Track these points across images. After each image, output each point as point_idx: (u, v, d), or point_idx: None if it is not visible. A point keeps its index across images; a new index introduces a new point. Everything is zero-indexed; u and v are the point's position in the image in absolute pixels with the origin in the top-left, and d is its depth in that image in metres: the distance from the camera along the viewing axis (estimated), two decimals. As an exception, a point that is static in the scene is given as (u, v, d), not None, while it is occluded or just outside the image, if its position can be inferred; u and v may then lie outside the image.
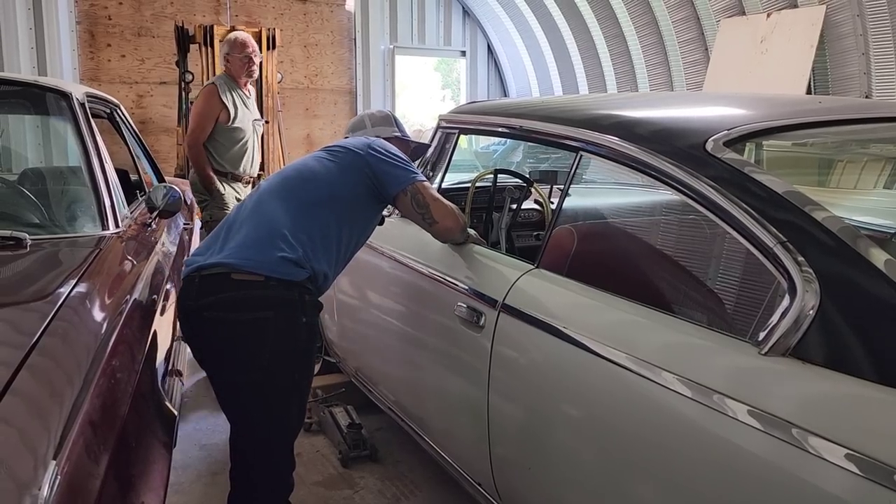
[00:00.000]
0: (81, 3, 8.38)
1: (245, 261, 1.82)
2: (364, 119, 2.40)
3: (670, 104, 2.30)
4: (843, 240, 1.25)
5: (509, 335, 1.82)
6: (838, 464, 1.06)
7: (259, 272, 1.81)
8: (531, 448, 1.76)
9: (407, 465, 2.81)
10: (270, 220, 1.91)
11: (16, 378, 1.10)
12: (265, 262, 1.82)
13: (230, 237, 1.92)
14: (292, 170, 2.11)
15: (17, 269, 1.74)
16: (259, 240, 1.86)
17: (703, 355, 1.39)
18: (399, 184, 2.02)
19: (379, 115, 2.42)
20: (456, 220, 2.08)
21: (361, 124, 2.38)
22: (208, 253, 1.91)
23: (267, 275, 1.81)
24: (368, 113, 2.44)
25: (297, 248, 1.86)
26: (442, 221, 2.05)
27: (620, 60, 8.50)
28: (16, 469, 0.93)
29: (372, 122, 2.37)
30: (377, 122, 2.37)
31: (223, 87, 3.84)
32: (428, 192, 2.04)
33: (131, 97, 8.57)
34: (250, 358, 1.83)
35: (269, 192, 2.02)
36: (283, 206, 1.95)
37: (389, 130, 2.35)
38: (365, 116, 2.42)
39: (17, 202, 2.25)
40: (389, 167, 2.03)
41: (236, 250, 1.85)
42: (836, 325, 1.20)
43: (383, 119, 2.40)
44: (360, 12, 9.86)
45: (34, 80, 2.50)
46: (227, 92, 3.84)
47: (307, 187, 2.00)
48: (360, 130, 2.34)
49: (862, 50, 5.83)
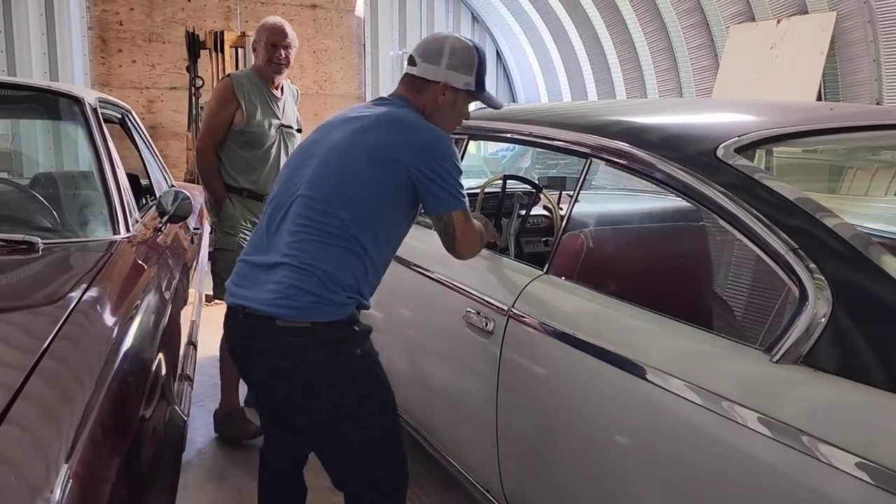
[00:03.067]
0: (93, 9, 8.46)
1: (286, 310, 1.67)
2: (444, 49, 1.86)
3: (680, 111, 2.30)
4: (855, 247, 1.24)
5: (518, 341, 1.82)
6: (849, 472, 1.06)
7: (304, 320, 1.68)
8: (540, 455, 1.76)
9: (415, 470, 2.79)
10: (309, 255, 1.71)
11: (28, 382, 1.11)
12: (308, 308, 1.68)
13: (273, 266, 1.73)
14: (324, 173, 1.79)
15: (30, 272, 1.75)
16: (301, 282, 1.68)
17: (714, 362, 1.38)
18: (437, 209, 1.80)
19: (461, 51, 1.87)
20: (475, 251, 1.95)
21: (437, 55, 1.86)
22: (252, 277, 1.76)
23: (312, 321, 1.68)
24: (452, 42, 1.88)
25: (341, 285, 1.71)
26: (461, 252, 1.88)
27: (630, 66, 8.50)
28: (28, 472, 0.94)
29: (449, 60, 1.85)
30: (454, 64, 1.86)
31: (241, 82, 3.05)
32: (461, 226, 1.81)
33: (142, 102, 8.63)
34: (313, 403, 1.75)
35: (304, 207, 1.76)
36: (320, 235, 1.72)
37: (463, 80, 1.87)
38: (446, 46, 1.86)
39: (30, 206, 2.26)
40: (434, 188, 1.77)
41: (277, 293, 1.69)
42: (847, 332, 1.19)
43: (464, 60, 1.87)
44: (370, 18, 9.92)
45: (47, 86, 2.52)
46: (246, 88, 3.05)
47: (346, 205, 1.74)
48: (433, 66, 1.85)
49: (873, 56, 5.81)
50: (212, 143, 3.06)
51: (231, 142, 3.05)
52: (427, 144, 1.77)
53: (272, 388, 1.82)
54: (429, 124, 1.84)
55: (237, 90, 3.01)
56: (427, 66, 1.86)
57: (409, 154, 1.75)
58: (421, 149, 1.76)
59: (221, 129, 3.03)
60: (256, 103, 3.04)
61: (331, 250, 1.72)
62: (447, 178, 1.77)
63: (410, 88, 1.89)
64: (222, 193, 3.08)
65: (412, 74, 1.89)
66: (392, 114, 1.86)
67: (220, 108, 3.03)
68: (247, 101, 3.03)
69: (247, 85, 3.05)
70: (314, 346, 1.70)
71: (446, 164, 1.77)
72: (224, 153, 3.07)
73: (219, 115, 3.03)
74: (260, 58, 3.07)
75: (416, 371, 2.41)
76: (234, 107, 3.00)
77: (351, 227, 1.73)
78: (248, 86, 3.05)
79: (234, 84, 3.03)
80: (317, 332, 1.69)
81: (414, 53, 1.91)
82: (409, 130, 1.81)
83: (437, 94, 1.87)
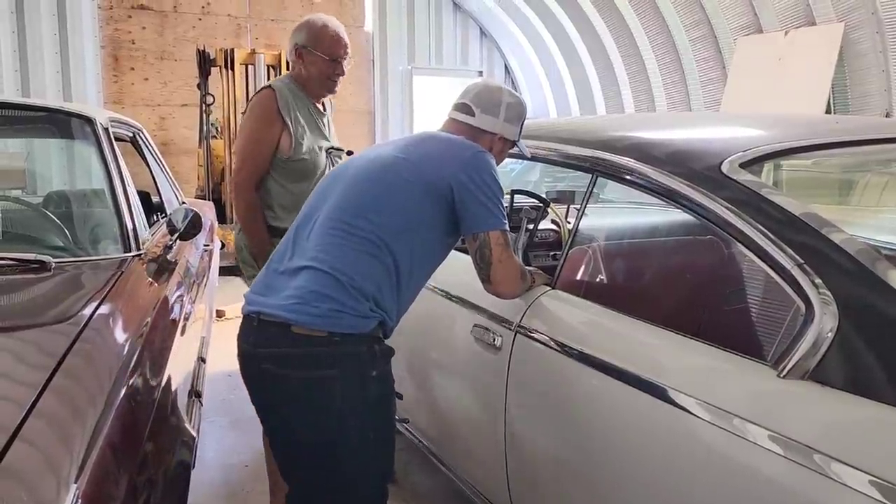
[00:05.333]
0: (106, 28, 8.57)
1: (304, 316, 1.59)
2: (502, 103, 1.89)
3: (685, 125, 2.31)
4: (860, 262, 1.24)
5: (526, 357, 1.82)
6: (862, 490, 1.05)
7: (321, 328, 1.59)
8: (548, 470, 1.76)
9: (424, 486, 2.81)
10: (335, 259, 1.64)
11: (40, 399, 1.12)
12: (327, 316, 1.59)
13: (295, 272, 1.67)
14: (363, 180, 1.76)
15: (42, 291, 1.78)
16: (323, 286, 1.61)
17: (721, 378, 1.38)
18: (474, 226, 1.73)
19: (515, 105, 1.91)
20: (514, 287, 1.82)
21: (496, 108, 1.88)
22: (273, 285, 1.70)
23: (330, 330, 1.59)
24: (507, 95, 1.91)
25: (365, 295, 1.63)
26: (496, 285, 1.78)
27: (637, 79, 8.51)
28: (39, 490, 0.95)
29: (506, 114, 1.89)
30: (510, 117, 1.89)
31: (284, 96, 2.39)
32: (498, 249, 1.73)
33: (153, 119, 8.72)
34: (316, 419, 1.64)
35: (338, 210, 1.72)
36: (348, 238, 1.67)
37: (514, 133, 1.92)
38: (503, 99, 1.89)
39: (42, 225, 2.29)
40: (472, 201, 1.71)
41: (296, 299, 1.62)
42: (854, 347, 1.19)
43: (518, 114, 1.92)
44: (378, 34, 9.99)
45: (60, 106, 2.56)
46: (291, 103, 2.41)
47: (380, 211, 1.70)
48: (492, 117, 1.88)
49: (882, 67, 5.79)
50: (255, 176, 2.39)
51: (275, 173, 2.41)
52: (472, 155, 1.76)
53: (275, 403, 1.71)
54: (477, 144, 1.83)
55: (282, 107, 2.37)
56: (486, 117, 1.88)
57: (453, 164, 1.74)
58: (466, 159, 1.75)
59: (266, 157, 2.36)
60: (304, 123, 2.42)
61: (359, 256, 1.65)
62: (487, 192, 1.72)
63: (465, 136, 1.87)
64: (266, 240, 2.39)
65: (469, 123, 1.89)
66: (441, 133, 1.90)
67: (264, 130, 2.36)
68: (293, 120, 2.38)
69: (291, 101, 2.41)
70: (328, 359, 1.60)
71: (488, 179, 1.74)
72: (266, 188, 2.43)
73: (262, 138, 2.35)
74: (313, 71, 2.44)
75: (424, 386, 2.41)
76: (279, 128, 2.36)
77: (383, 234, 1.67)
78: (292, 102, 2.41)
79: (278, 98, 2.37)
80: (333, 344, 1.59)
81: (470, 103, 1.90)
82: (456, 144, 1.81)
83: (492, 143, 1.89)
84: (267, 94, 2.39)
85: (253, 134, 2.38)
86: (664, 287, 1.98)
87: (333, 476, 1.66)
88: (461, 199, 1.71)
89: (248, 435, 3.12)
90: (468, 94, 1.92)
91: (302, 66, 2.44)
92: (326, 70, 2.45)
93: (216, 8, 9.02)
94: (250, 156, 2.39)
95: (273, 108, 2.36)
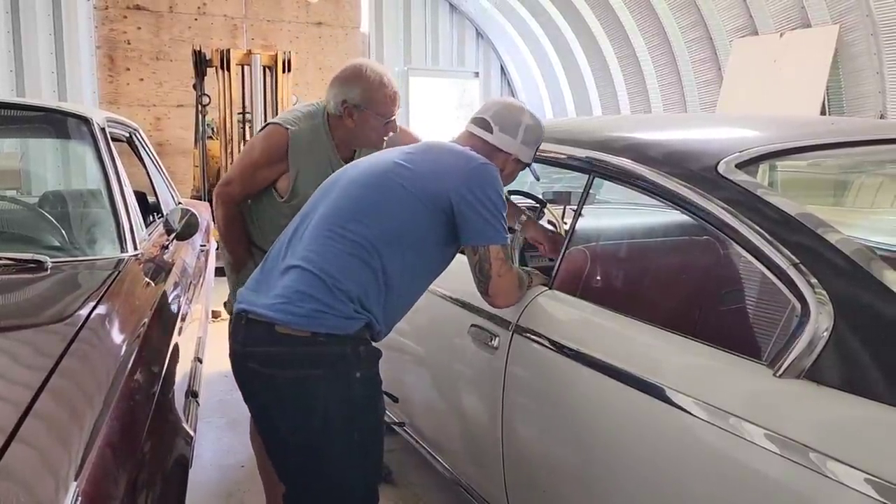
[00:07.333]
0: (101, 28, 8.55)
1: (288, 316, 1.60)
2: (521, 124, 1.87)
3: (681, 126, 2.32)
4: (856, 261, 1.25)
5: (523, 356, 1.83)
6: (857, 488, 1.06)
7: (304, 328, 1.59)
8: (545, 470, 1.76)
9: (421, 486, 2.81)
10: (324, 260, 1.65)
11: (38, 399, 1.12)
12: (311, 316, 1.59)
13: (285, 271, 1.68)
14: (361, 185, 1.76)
15: (39, 291, 1.77)
16: (308, 287, 1.62)
17: (718, 377, 1.38)
18: (473, 238, 1.72)
19: (534, 129, 1.89)
20: (512, 300, 1.82)
21: (515, 129, 1.86)
22: (264, 283, 1.71)
23: (313, 330, 1.60)
24: (528, 117, 1.90)
25: (350, 297, 1.62)
26: (495, 297, 1.77)
27: (633, 80, 8.54)
28: (37, 491, 0.95)
29: (524, 136, 1.87)
30: (527, 140, 1.88)
31: (298, 144, 2.27)
32: (497, 264, 1.72)
33: (149, 120, 8.70)
34: (300, 420, 1.64)
35: (333, 212, 1.72)
36: (340, 241, 1.66)
37: (529, 155, 1.91)
38: (524, 121, 1.87)
39: (38, 225, 2.28)
40: (473, 215, 1.69)
41: (282, 298, 1.62)
42: (849, 347, 1.20)
43: (536, 137, 1.91)
44: (375, 35, 10.00)
45: (56, 106, 2.55)
46: (304, 153, 2.29)
47: (373, 216, 1.69)
48: (510, 137, 1.86)
49: (876, 69, 5.82)
50: (240, 196, 2.35)
51: (268, 204, 2.36)
52: (475, 168, 1.73)
53: (263, 402, 1.71)
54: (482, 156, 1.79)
55: (291, 154, 2.27)
56: (504, 136, 1.85)
57: (455, 176, 1.71)
58: (468, 171, 1.72)
59: (258, 186, 2.33)
60: (313, 171, 2.25)
61: (348, 259, 1.65)
62: (489, 207, 1.69)
63: (479, 151, 1.83)
64: (245, 256, 2.38)
65: (485, 140, 1.86)
66: (447, 143, 1.88)
67: (264, 164, 2.30)
68: (301, 168, 2.28)
69: (305, 149, 2.28)
70: (311, 358, 1.61)
71: (490, 193, 1.70)
72: (257, 209, 2.38)
73: (260, 170, 2.31)
74: (364, 129, 2.27)
75: (422, 386, 2.42)
76: (281, 169, 2.29)
77: (375, 240, 1.66)
78: (306, 150, 2.28)
79: (290, 145, 2.26)
80: (317, 344, 1.60)
81: (489, 119, 1.87)
82: (461, 155, 1.78)
83: (506, 163, 1.87)
84: (279, 136, 2.27)
85: (255, 160, 2.31)
86: (661, 287, 1.99)
87: (320, 477, 1.67)
88: (461, 212, 1.69)
89: (244, 435, 3.11)
90: (488, 111, 1.90)
91: (351, 122, 2.26)
92: (380, 130, 2.28)
93: (212, 8, 9.02)
94: (243, 178, 2.32)
95: (281, 152, 2.27)
